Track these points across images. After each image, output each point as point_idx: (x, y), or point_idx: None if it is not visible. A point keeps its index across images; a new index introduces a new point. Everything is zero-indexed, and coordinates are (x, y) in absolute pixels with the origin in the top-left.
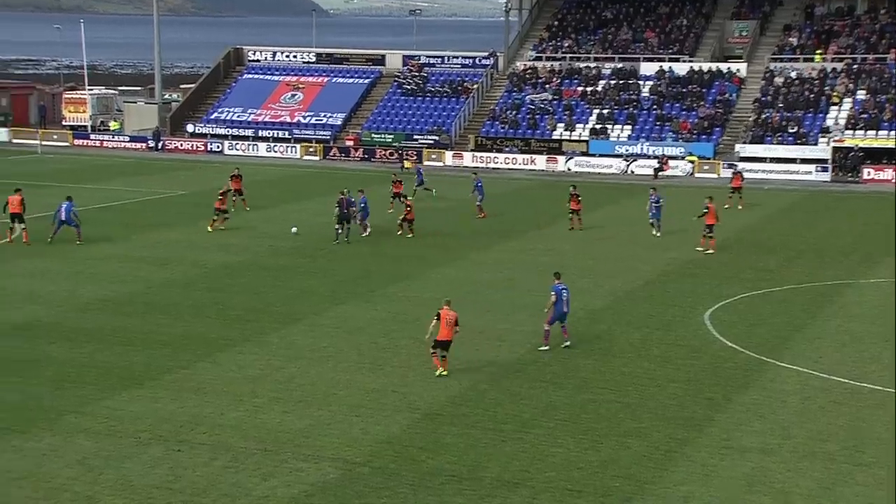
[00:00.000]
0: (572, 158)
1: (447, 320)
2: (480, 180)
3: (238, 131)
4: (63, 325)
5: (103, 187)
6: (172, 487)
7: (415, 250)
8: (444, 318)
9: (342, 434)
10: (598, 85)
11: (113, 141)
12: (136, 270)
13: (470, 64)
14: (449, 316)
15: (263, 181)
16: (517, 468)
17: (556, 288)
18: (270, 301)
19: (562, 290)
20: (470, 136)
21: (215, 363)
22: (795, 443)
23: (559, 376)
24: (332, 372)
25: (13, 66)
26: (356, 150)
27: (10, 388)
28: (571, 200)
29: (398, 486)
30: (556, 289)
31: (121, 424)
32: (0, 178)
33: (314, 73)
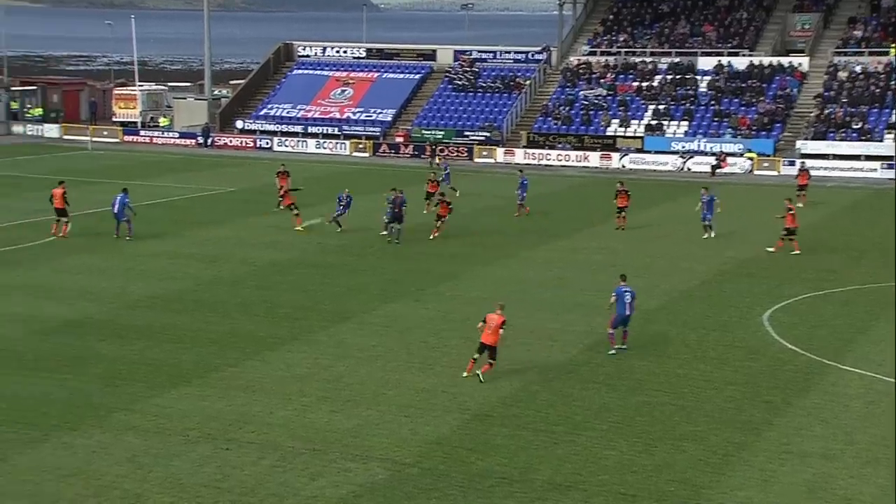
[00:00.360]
0: (627, 155)
1: (490, 324)
2: (526, 178)
3: (287, 127)
4: (113, 321)
5: (153, 184)
6: (220, 486)
7: (464, 248)
8: (489, 321)
9: (391, 434)
10: (654, 80)
11: (162, 137)
12: (185, 267)
13: (522, 59)
14: (492, 320)
15: (312, 178)
16: (569, 471)
17: (618, 290)
18: (319, 299)
19: (624, 292)
20: (522, 133)
21: (264, 361)
22: (858, 448)
23: (612, 378)
24: (381, 371)
25: (65, 63)
26: (406, 147)
27: (61, 384)
28: (619, 197)
29: (447, 488)
30: (619, 291)
31: (169, 422)
32: (51, 174)
33: (364, 69)
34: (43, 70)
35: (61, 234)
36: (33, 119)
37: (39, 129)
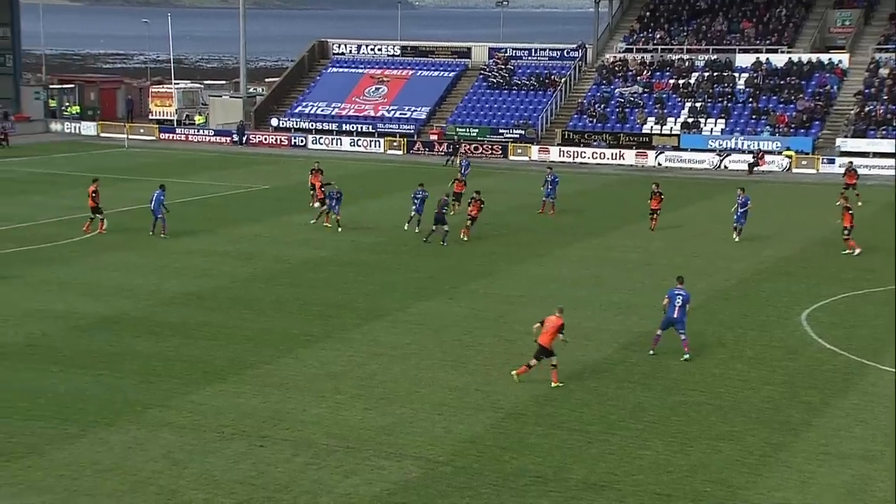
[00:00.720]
0: (663, 153)
1: (548, 325)
2: (557, 176)
3: (322, 125)
4: (149, 318)
5: (188, 181)
6: (255, 483)
7: (498, 247)
8: (546, 323)
9: (424, 432)
10: (691, 77)
11: (198, 135)
12: (220, 265)
13: (557, 56)
14: (550, 321)
15: (346, 176)
16: (604, 471)
17: (670, 292)
18: (352, 297)
19: (676, 294)
20: (556, 131)
21: (297, 359)
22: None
23: (648, 377)
24: (415, 369)
25: (102, 61)
26: (440, 145)
27: (98, 380)
28: (653, 198)
29: (481, 487)
30: (672, 293)
31: (204, 419)
32: (88, 171)
33: (399, 66)
34: (80, 68)
35: (97, 231)
36: (71, 117)
37: (77, 126)
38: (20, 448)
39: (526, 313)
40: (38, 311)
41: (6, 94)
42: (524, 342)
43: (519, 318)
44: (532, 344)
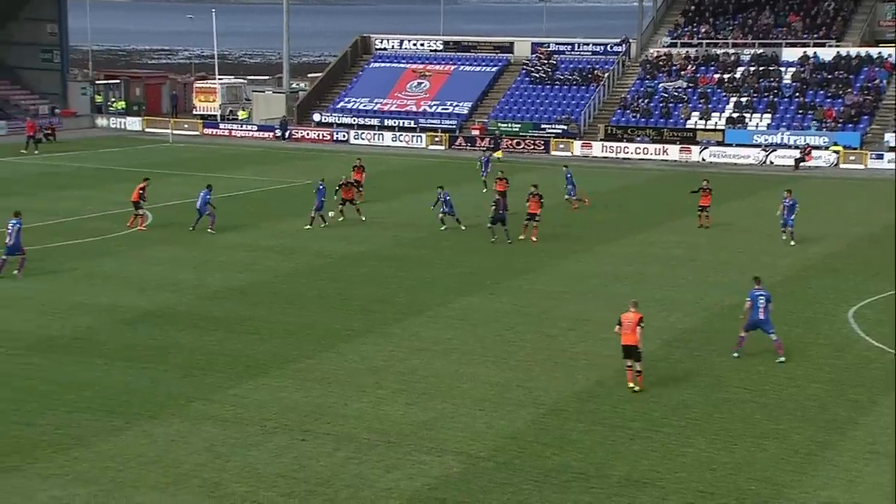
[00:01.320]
0: (707, 148)
1: (626, 323)
2: (570, 172)
3: (364, 120)
4: (192, 312)
5: (231, 176)
6: (297, 476)
7: (540, 242)
8: (624, 321)
9: (466, 428)
10: (737, 72)
11: (241, 130)
12: (262, 259)
13: (601, 51)
14: (629, 318)
15: (388, 171)
16: (646, 467)
17: (752, 294)
18: (393, 292)
19: (758, 295)
20: (599, 126)
21: (339, 353)
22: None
23: (692, 374)
24: (456, 364)
25: (147, 57)
26: (482, 140)
27: (141, 374)
28: (703, 195)
29: (522, 483)
30: (753, 294)
31: (247, 412)
32: (134, 166)
33: (441, 62)
34: (126, 64)
35: (139, 227)
36: (116, 112)
37: (122, 121)
38: (67, 439)
39: (568, 309)
40: (85, 305)
41: (54, 90)
42: (566, 338)
43: (561, 315)
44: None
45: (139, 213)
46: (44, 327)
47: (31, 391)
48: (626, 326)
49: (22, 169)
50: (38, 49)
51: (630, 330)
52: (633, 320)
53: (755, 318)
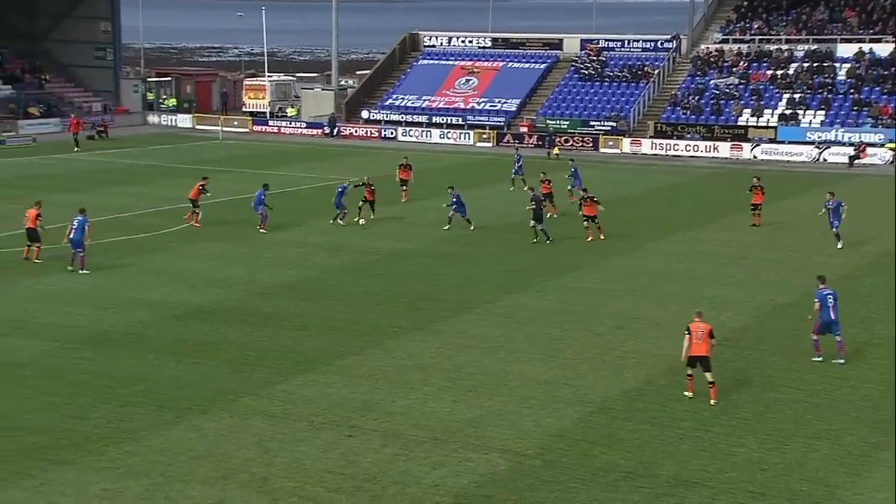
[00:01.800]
0: (759, 145)
1: (697, 333)
2: (576, 166)
3: (412, 117)
4: (242, 308)
5: (280, 173)
6: (344, 472)
7: (588, 240)
8: (695, 331)
9: (512, 425)
10: (790, 68)
11: (290, 127)
12: (311, 256)
13: (651, 47)
14: (699, 328)
15: (436, 169)
16: (695, 467)
17: (819, 294)
18: (441, 289)
19: (826, 295)
20: (649, 123)
21: (386, 350)
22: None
23: (742, 373)
24: (503, 362)
25: (198, 54)
26: (530, 137)
27: (192, 368)
28: (755, 192)
29: (569, 481)
30: (820, 295)
31: (295, 408)
32: (184, 163)
33: (489, 59)
34: (177, 61)
35: (193, 223)
36: (167, 109)
37: (173, 118)
38: (119, 433)
39: (616, 307)
40: (137, 300)
41: (107, 87)
42: (614, 336)
43: (609, 312)
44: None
45: (196, 210)
46: (97, 322)
47: (84, 385)
48: (696, 336)
49: (76, 165)
50: (91, 47)
51: (703, 340)
52: (704, 330)
53: (826, 319)
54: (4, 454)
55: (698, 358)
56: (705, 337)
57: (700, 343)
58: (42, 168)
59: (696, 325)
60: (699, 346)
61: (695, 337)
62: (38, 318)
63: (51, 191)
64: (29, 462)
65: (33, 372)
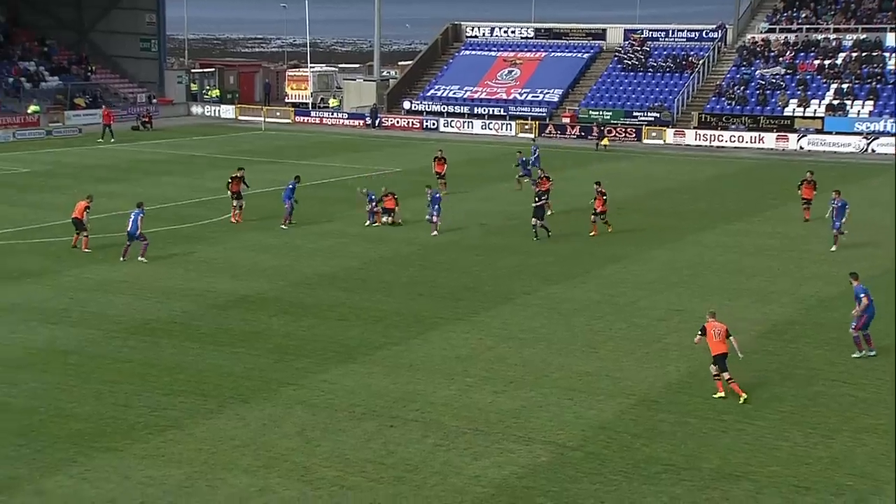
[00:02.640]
0: (805, 136)
1: (714, 332)
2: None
3: (453, 108)
4: (283, 298)
5: (322, 164)
6: (385, 462)
7: (631, 231)
8: (710, 330)
9: (554, 417)
10: (838, 58)
11: (332, 118)
12: (352, 246)
13: (696, 37)
14: (716, 328)
15: (477, 160)
16: (739, 460)
17: (860, 289)
18: (482, 280)
19: (863, 291)
20: (693, 114)
21: (427, 341)
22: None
23: (786, 367)
24: (545, 353)
25: (241, 45)
26: (573, 128)
27: (234, 358)
28: (805, 187)
29: (611, 473)
30: (863, 290)
31: (336, 398)
32: (228, 154)
33: (532, 49)
34: (220, 52)
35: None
36: (211, 100)
37: (216, 109)
38: (162, 421)
39: (659, 299)
40: (180, 289)
41: (151, 79)
42: (657, 328)
43: (651, 304)
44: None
45: (235, 204)
46: (141, 311)
47: (128, 373)
48: (713, 335)
49: (120, 155)
50: (136, 38)
51: (721, 339)
52: (721, 330)
53: (873, 313)
54: (50, 441)
55: (719, 356)
56: (723, 335)
57: (720, 342)
58: (88, 158)
59: (711, 325)
60: (719, 343)
61: (711, 336)
62: (83, 307)
63: (97, 181)
64: (74, 449)
65: (78, 360)
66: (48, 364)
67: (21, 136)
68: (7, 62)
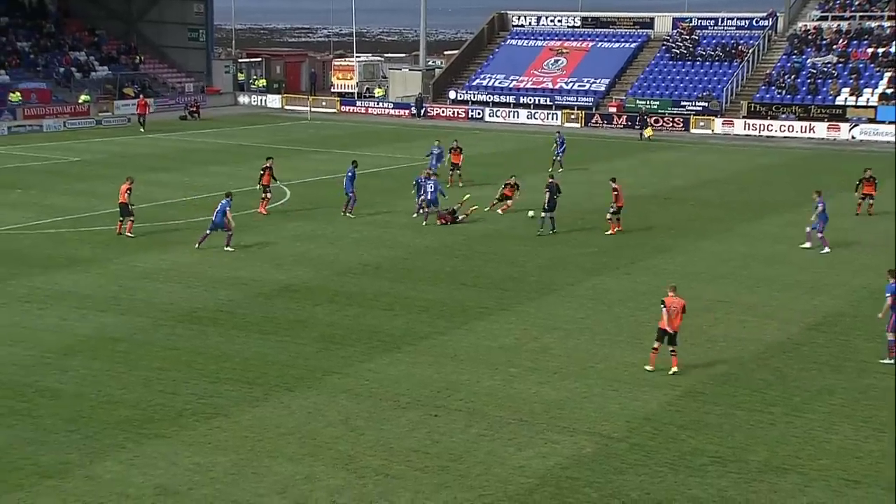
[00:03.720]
0: (857, 126)
1: (671, 308)
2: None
3: (499, 98)
4: (328, 287)
5: (368, 153)
6: (430, 452)
7: (679, 222)
8: (669, 305)
9: (598, 408)
10: (892, 46)
11: (377, 107)
12: (397, 236)
13: (745, 26)
14: (674, 304)
15: (523, 149)
16: (787, 453)
17: (891, 288)
18: (527, 270)
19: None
20: (742, 103)
21: (471, 331)
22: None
23: (836, 359)
24: (589, 344)
25: (288, 35)
26: (619, 118)
27: (279, 346)
28: (866, 184)
29: (657, 465)
30: (892, 289)
31: (381, 387)
32: (275, 143)
33: (579, 38)
34: (267, 42)
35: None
36: (258, 90)
37: (263, 99)
38: (209, 409)
39: (705, 290)
40: (226, 278)
41: (199, 68)
42: (703, 319)
43: (698, 296)
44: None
45: (266, 196)
46: (187, 300)
47: (175, 361)
48: (670, 310)
49: (169, 144)
50: (185, 28)
51: (676, 315)
52: (679, 305)
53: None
54: (100, 427)
55: (664, 332)
56: (679, 312)
57: (674, 318)
58: (137, 148)
59: (669, 300)
60: (672, 320)
61: (669, 312)
62: (132, 295)
63: (146, 170)
64: (123, 435)
65: (127, 347)
66: (97, 351)
67: (72, 125)
68: (58, 52)
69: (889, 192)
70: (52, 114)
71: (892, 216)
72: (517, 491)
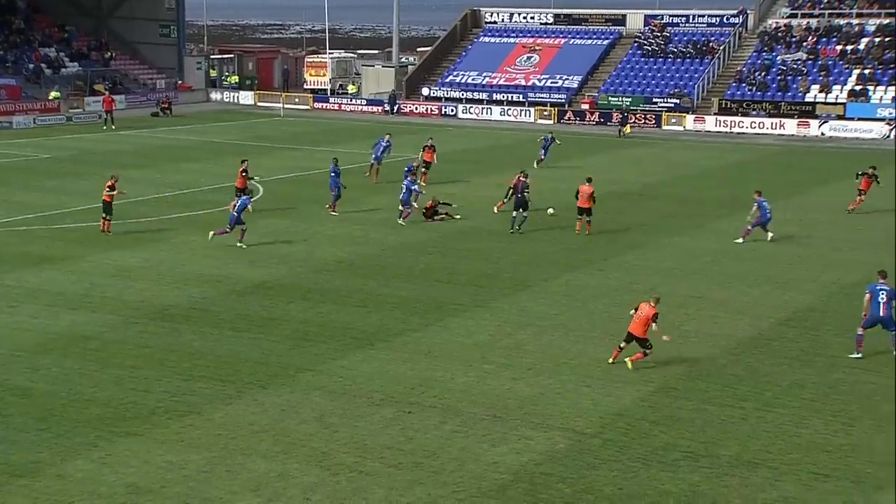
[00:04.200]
0: (826, 122)
1: (640, 314)
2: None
3: (472, 95)
4: (301, 284)
5: (341, 150)
6: (403, 448)
7: (651, 218)
8: (640, 310)
9: (572, 404)
10: (860, 43)
11: (350, 104)
12: (370, 233)
13: (716, 23)
14: (643, 310)
15: (496, 146)
16: (758, 448)
17: (872, 287)
18: (501, 267)
19: (879, 290)
20: (713, 100)
21: (445, 327)
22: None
23: (806, 354)
24: (563, 340)
25: (260, 31)
26: (591, 114)
27: (253, 343)
28: (864, 179)
29: (630, 460)
30: (873, 288)
31: (354, 384)
32: (247, 140)
33: (551, 35)
34: (239, 38)
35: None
36: (230, 86)
37: (235, 95)
38: (182, 407)
39: (678, 286)
40: (199, 275)
41: (171, 65)
42: (675, 315)
43: (670, 291)
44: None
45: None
46: (160, 297)
47: (147, 359)
48: (638, 316)
49: (139, 141)
50: (156, 24)
51: (642, 322)
52: (648, 314)
53: (876, 315)
54: (71, 426)
55: (634, 337)
56: (645, 320)
57: (639, 324)
58: (108, 144)
59: (643, 307)
60: (637, 326)
61: (637, 317)
62: (103, 293)
63: (118, 167)
64: (95, 434)
65: (99, 345)
66: (68, 349)
67: (42, 121)
68: (28, 48)
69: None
70: (21, 110)
71: (871, 215)
72: (491, 487)
